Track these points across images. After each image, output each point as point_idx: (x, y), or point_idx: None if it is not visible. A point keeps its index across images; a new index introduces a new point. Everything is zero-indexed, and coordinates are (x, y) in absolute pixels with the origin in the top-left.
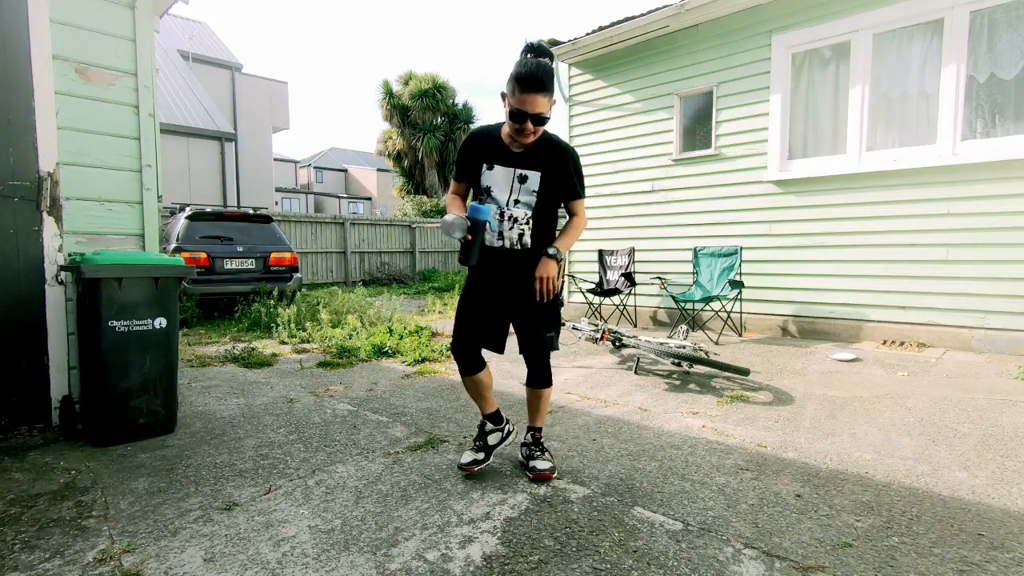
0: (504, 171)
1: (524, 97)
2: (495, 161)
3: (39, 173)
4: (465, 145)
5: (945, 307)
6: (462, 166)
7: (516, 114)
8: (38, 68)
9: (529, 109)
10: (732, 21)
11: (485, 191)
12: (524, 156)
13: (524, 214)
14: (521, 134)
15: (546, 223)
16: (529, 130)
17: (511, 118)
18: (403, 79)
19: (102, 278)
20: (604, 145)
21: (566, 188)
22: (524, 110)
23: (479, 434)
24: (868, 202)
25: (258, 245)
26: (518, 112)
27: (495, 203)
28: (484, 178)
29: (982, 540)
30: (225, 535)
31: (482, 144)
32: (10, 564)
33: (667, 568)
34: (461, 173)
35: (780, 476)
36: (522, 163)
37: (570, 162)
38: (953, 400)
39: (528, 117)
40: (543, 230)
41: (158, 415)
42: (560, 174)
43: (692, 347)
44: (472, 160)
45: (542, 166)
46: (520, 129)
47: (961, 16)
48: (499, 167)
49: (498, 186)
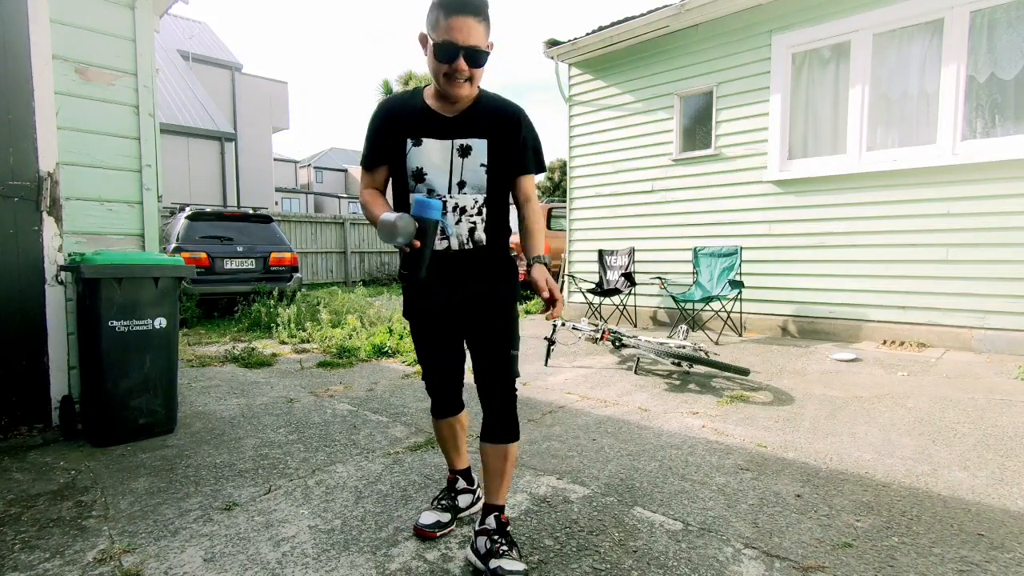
0: (438, 145)
1: (452, 22)
2: (423, 133)
3: (39, 173)
4: (377, 119)
5: (945, 307)
6: (376, 146)
7: (443, 49)
8: (38, 68)
9: (460, 39)
10: (732, 21)
11: (415, 175)
12: (462, 121)
13: (474, 201)
14: (452, 81)
15: (502, 211)
16: (463, 71)
17: (437, 56)
18: (403, 79)
19: (102, 278)
20: (604, 145)
21: (517, 159)
22: (454, 41)
23: (447, 490)
24: (868, 202)
25: (258, 245)
26: (446, 46)
27: (432, 190)
28: (412, 158)
29: (982, 540)
30: (225, 535)
31: (401, 114)
32: (10, 564)
33: (667, 568)
34: (376, 156)
35: (780, 476)
36: (461, 130)
37: (522, 124)
38: (953, 400)
39: (460, 51)
40: (499, 220)
41: (158, 415)
42: (510, 140)
43: (692, 347)
44: (390, 136)
45: (487, 131)
46: (451, 74)
47: (961, 16)
48: (430, 140)
49: (433, 166)
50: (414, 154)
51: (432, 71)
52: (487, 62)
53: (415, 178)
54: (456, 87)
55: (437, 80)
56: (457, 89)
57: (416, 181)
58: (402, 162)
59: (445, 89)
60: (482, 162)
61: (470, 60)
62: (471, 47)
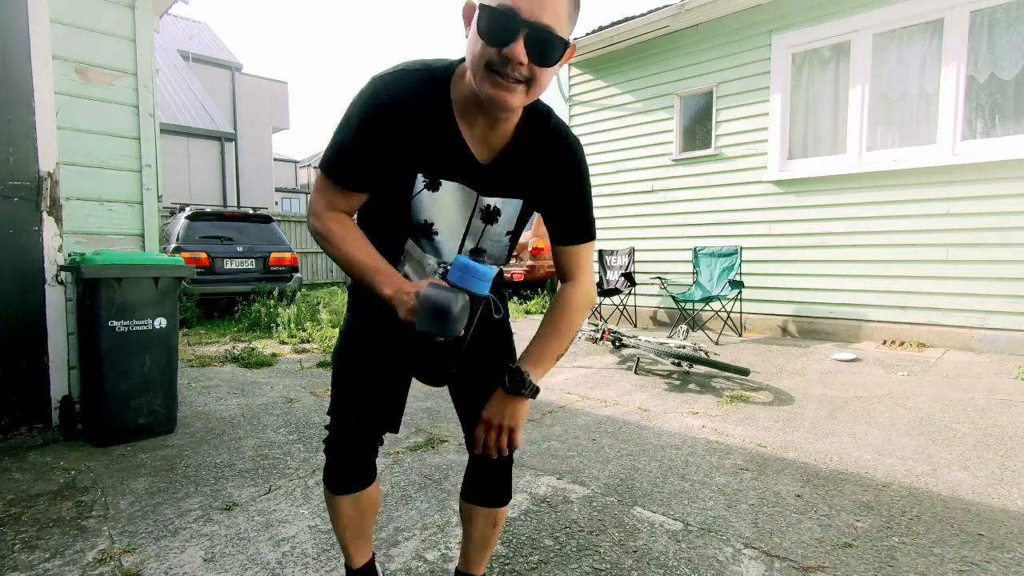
0: (460, 195)
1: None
2: (444, 172)
3: (39, 173)
4: (371, 114)
5: (945, 307)
6: (363, 156)
7: (495, 17)
8: (38, 68)
9: (525, 8)
10: (732, 21)
11: (422, 228)
12: (499, 171)
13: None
14: (498, 79)
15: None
16: (520, 63)
17: (482, 30)
18: None
19: (102, 278)
20: (604, 145)
21: (569, 222)
22: (515, 8)
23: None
24: (868, 202)
25: (258, 245)
26: (500, 14)
27: (431, 251)
28: (421, 205)
29: (982, 540)
30: (225, 535)
31: (414, 120)
32: (10, 564)
33: (667, 568)
34: (362, 172)
35: (780, 476)
36: (494, 184)
37: (582, 174)
38: (953, 400)
39: (521, 27)
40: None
41: (158, 415)
42: (560, 196)
43: (692, 347)
44: (391, 154)
45: (529, 187)
46: (499, 65)
47: (961, 16)
48: (451, 185)
49: (447, 222)
50: (425, 201)
51: (471, 60)
52: (560, 62)
53: (421, 232)
54: (503, 91)
55: (475, 75)
56: (504, 94)
57: (422, 236)
58: (403, 202)
59: (484, 91)
60: (509, 229)
61: (536, 48)
62: (542, 26)
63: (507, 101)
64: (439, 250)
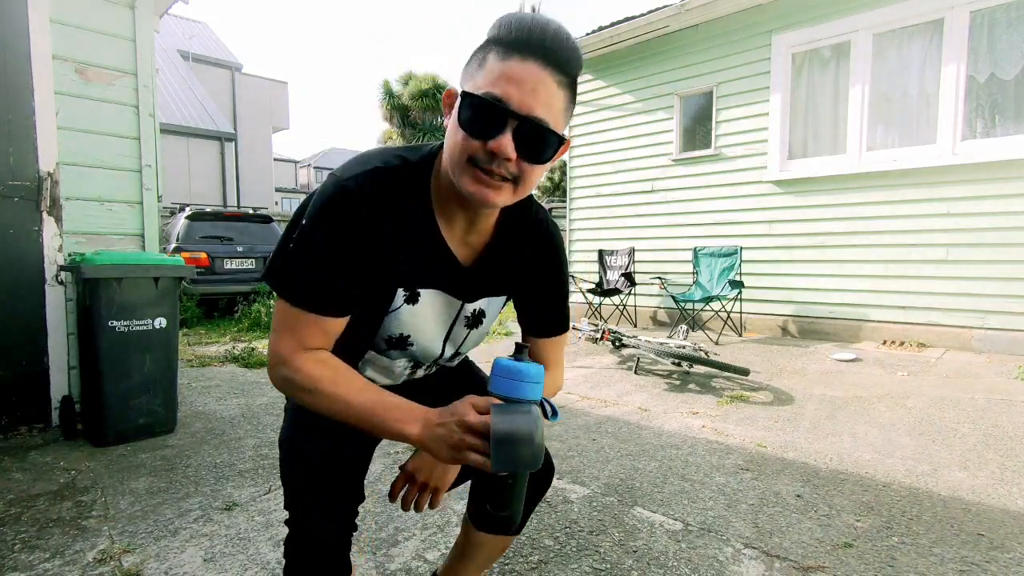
0: (441, 304)
1: (509, 66)
2: (424, 281)
3: (39, 173)
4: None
5: (945, 307)
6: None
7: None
8: (38, 68)
9: (515, 98)
10: (732, 21)
11: (394, 342)
12: (482, 272)
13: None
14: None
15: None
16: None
17: (464, 119)
18: (403, 79)
19: (102, 278)
20: (604, 145)
21: (546, 317)
22: (502, 98)
23: None
24: (868, 202)
25: (258, 245)
26: (485, 104)
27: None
28: (397, 319)
29: (982, 540)
30: (225, 535)
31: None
32: (10, 564)
33: (667, 568)
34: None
35: (780, 476)
36: (478, 286)
37: (562, 264)
38: (953, 400)
39: (508, 118)
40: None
41: (158, 415)
42: (542, 287)
43: (692, 347)
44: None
45: (512, 284)
46: (482, 159)
47: (961, 16)
48: (431, 294)
49: (424, 334)
50: (403, 315)
51: (451, 151)
52: (553, 159)
53: (391, 344)
54: (486, 188)
55: (455, 168)
56: (487, 192)
57: (390, 347)
58: (373, 320)
59: (465, 187)
60: (487, 330)
61: (526, 143)
62: (535, 118)
63: (491, 200)
64: (414, 356)
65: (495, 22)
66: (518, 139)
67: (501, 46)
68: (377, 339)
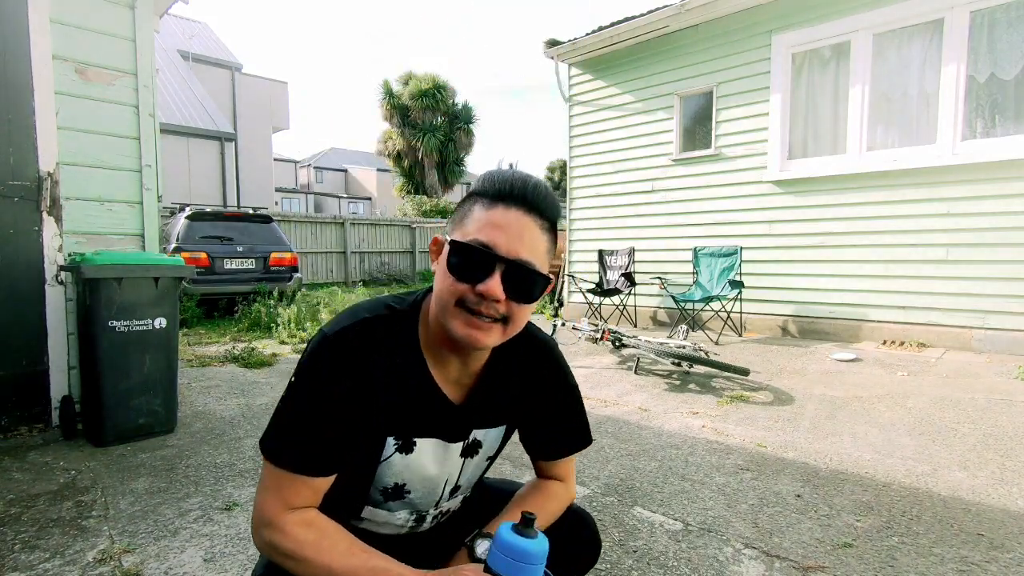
0: (440, 450)
1: (495, 214)
2: (419, 430)
3: (39, 173)
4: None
5: (945, 307)
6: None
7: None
8: (38, 68)
9: (503, 243)
10: (732, 21)
11: (391, 492)
12: (476, 407)
13: (462, 499)
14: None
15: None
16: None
17: (453, 266)
18: (403, 79)
19: (102, 278)
20: (604, 145)
21: (565, 432)
22: (490, 244)
23: None
24: (868, 202)
25: (258, 245)
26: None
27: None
28: (390, 469)
29: (982, 540)
30: (225, 535)
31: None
32: (10, 564)
33: (667, 568)
34: (328, 454)
35: (780, 476)
36: (474, 420)
37: (566, 375)
38: (953, 400)
39: (497, 263)
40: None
41: (158, 415)
42: (548, 407)
43: (692, 347)
44: (358, 423)
45: (510, 413)
46: (472, 303)
47: (961, 16)
48: (427, 442)
49: (423, 481)
50: (396, 465)
51: (440, 296)
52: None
53: (386, 495)
54: (476, 331)
55: (444, 312)
56: (477, 334)
57: (387, 499)
58: (366, 472)
59: (455, 330)
60: (490, 455)
61: (514, 284)
62: (521, 261)
63: (481, 341)
64: (413, 504)
65: (479, 179)
66: (506, 281)
67: (486, 198)
68: (372, 492)
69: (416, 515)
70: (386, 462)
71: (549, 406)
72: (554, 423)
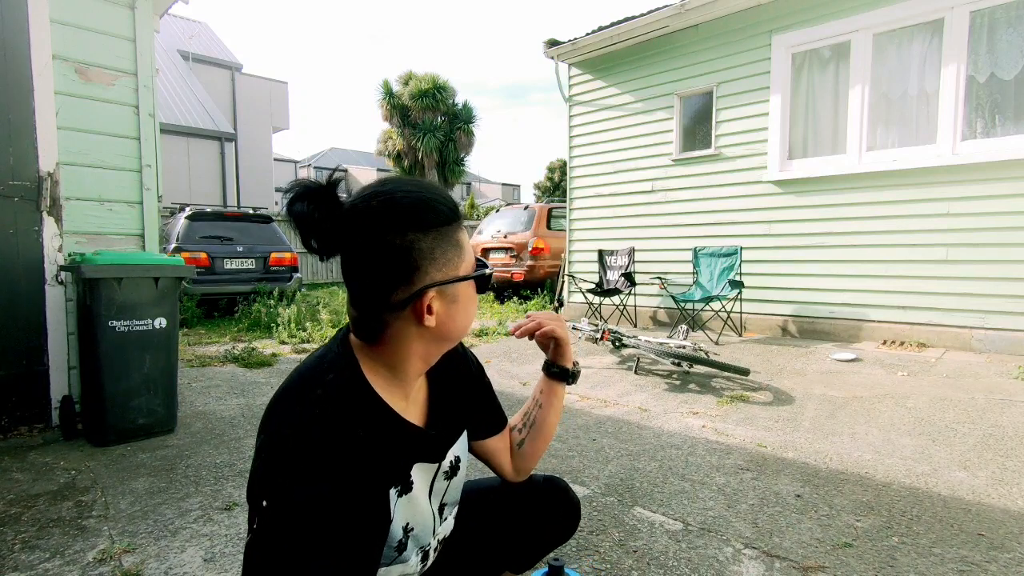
0: (424, 475)
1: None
2: (406, 463)
3: (39, 173)
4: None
5: (945, 307)
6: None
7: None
8: (38, 68)
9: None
10: (732, 21)
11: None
12: (437, 414)
13: (452, 520)
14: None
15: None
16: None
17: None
18: (403, 79)
19: (102, 278)
20: (604, 145)
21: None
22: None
23: None
24: (868, 202)
25: (258, 245)
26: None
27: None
28: (398, 516)
29: (982, 540)
30: (225, 535)
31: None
32: (10, 564)
33: (667, 568)
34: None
35: (780, 476)
36: (444, 434)
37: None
38: (953, 400)
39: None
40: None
41: (158, 415)
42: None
43: (692, 347)
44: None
45: (456, 405)
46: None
47: (961, 16)
48: (415, 470)
49: (421, 513)
50: (402, 509)
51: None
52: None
53: (401, 547)
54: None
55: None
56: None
57: (400, 551)
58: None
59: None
60: (465, 462)
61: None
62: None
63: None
64: (417, 540)
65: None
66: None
67: (447, 225)
68: (389, 546)
69: (422, 553)
70: (394, 509)
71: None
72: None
